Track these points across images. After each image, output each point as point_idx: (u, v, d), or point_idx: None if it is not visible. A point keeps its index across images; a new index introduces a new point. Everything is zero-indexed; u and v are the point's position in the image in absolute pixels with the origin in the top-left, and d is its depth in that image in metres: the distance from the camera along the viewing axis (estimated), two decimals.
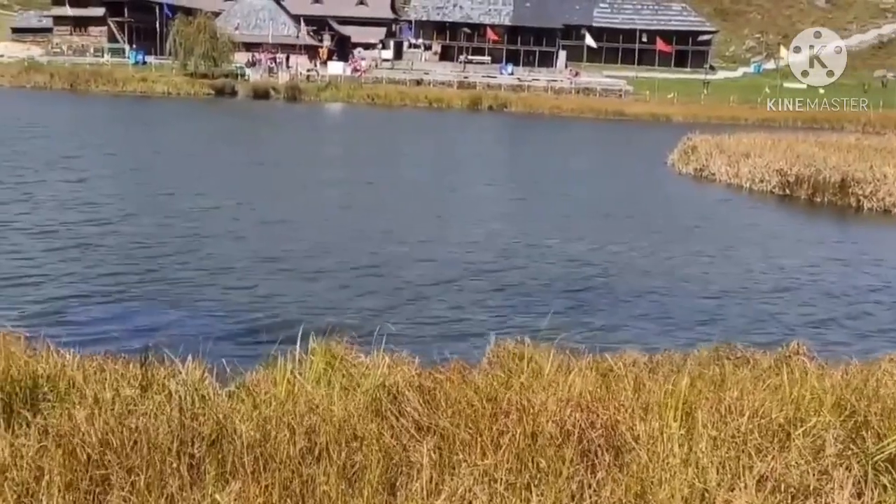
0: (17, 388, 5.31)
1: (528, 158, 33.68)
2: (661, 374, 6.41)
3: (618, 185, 26.15)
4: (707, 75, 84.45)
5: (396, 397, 5.50)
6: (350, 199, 20.15)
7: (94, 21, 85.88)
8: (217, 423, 4.87)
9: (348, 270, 12.56)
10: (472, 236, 16.04)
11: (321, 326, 7.08)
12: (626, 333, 9.91)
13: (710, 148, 29.34)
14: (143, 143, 30.79)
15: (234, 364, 6.42)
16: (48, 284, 10.86)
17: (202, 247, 13.65)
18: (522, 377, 6.11)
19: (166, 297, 10.60)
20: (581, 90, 75.14)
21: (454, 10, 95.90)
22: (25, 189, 17.97)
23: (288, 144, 33.20)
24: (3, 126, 30.97)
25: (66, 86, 62.73)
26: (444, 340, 8.97)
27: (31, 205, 16.31)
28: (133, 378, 5.80)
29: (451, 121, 54.36)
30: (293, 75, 71.77)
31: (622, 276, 13.34)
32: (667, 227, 18.40)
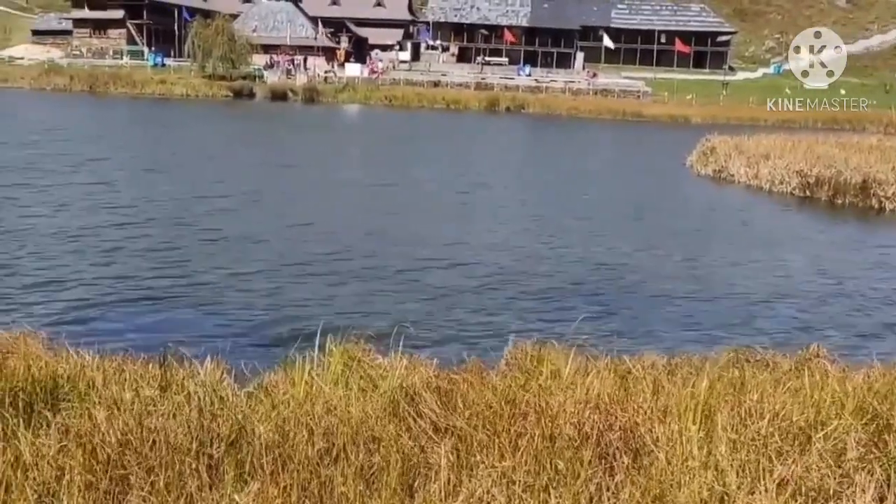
0: (37, 389, 5.36)
1: (546, 160, 33.62)
2: (679, 377, 6.38)
3: (636, 186, 26.04)
4: (726, 76, 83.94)
5: (414, 399, 5.50)
6: (369, 201, 20.17)
7: (114, 23, 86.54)
8: (236, 423, 4.88)
9: (367, 272, 12.57)
10: (490, 238, 16.02)
11: (339, 328, 7.09)
12: (644, 336, 9.86)
13: (729, 149, 29.16)
14: (164, 145, 30.97)
15: (253, 365, 6.44)
16: (69, 285, 10.93)
17: (222, 248, 13.72)
18: (541, 379, 6.10)
19: (185, 298, 10.65)
20: (599, 91, 74.90)
21: (472, 11, 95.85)
22: (49, 191, 18.10)
23: (307, 146, 33.28)
24: (26, 128, 31.20)
25: (86, 88, 63.19)
26: (461, 342, 8.96)
27: (54, 207, 16.42)
28: (152, 379, 5.83)
29: (468, 122, 54.36)
30: (311, 77, 71.99)
31: (640, 278, 13.27)
32: (685, 228, 18.30)
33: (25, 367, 5.62)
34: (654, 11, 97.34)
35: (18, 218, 15.00)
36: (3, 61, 79.69)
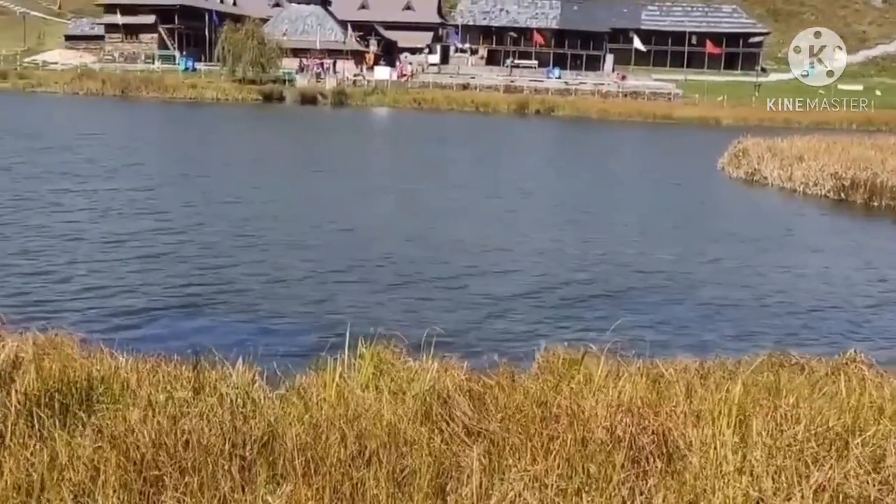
0: (73, 390, 5.41)
1: (577, 163, 33.50)
2: (712, 381, 6.31)
3: (667, 189, 25.86)
4: (758, 78, 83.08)
5: (446, 401, 5.49)
6: (400, 205, 20.22)
7: (145, 28, 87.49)
8: (268, 425, 4.90)
9: (398, 275, 12.59)
10: (522, 242, 15.99)
11: (370, 331, 7.11)
12: (676, 339, 9.78)
13: (761, 151, 28.86)
14: (199, 150, 31.22)
15: (285, 367, 6.46)
16: (104, 288, 11.06)
17: (254, 252, 13.80)
18: (572, 383, 6.07)
19: (218, 300, 10.73)
20: (629, 93, 74.50)
21: (501, 14, 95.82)
22: (88, 196, 18.29)
23: (340, 150, 33.38)
24: (64, 133, 31.55)
25: (118, 92, 63.89)
26: (493, 346, 8.94)
27: (93, 212, 16.61)
28: (185, 380, 5.87)
29: (498, 125, 54.30)
30: (340, 80, 72.27)
31: (672, 281, 13.18)
32: (717, 231, 18.14)
33: (61, 368, 5.68)
34: (686, 13, 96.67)
35: (58, 223, 15.20)
36: (37, 66, 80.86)
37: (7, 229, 14.19)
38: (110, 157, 25.39)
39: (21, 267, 11.89)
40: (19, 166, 22.29)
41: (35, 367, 5.59)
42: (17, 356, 5.90)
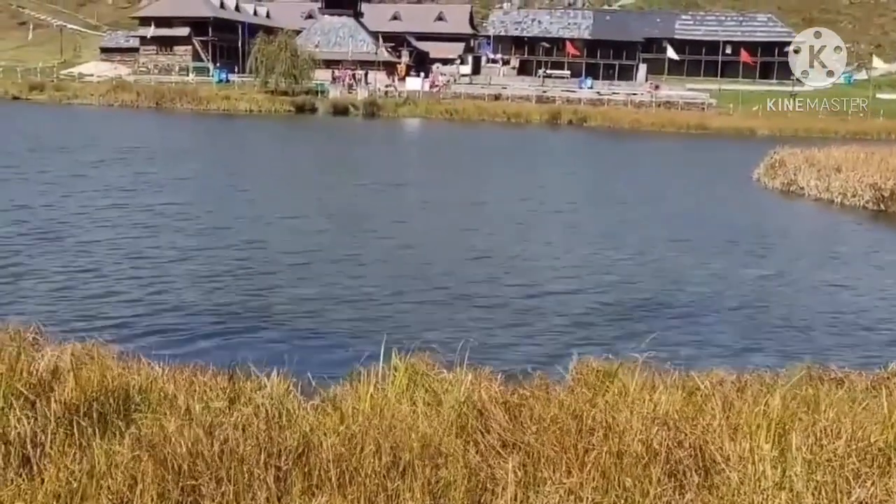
0: (111, 399, 5.47)
1: (611, 174, 33.36)
2: (750, 394, 6.23)
3: (702, 199, 25.64)
4: (794, 87, 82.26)
5: (481, 413, 5.48)
6: (437, 215, 20.23)
7: (180, 40, 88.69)
8: (303, 436, 4.92)
9: (431, 286, 12.60)
10: (556, 253, 15.94)
11: (404, 341, 7.11)
12: (712, 352, 9.68)
13: (798, 162, 28.53)
14: (238, 163, 31.36)
15: (320, 378, 6.49)
16: (142, 298, 11.19)
17: (289, 263, 13.88)
18: (607, 395, 6.03)
19: (254, 312, 10.80)
20: (662, 104, 74.08)
21: (533, 24, 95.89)
22: (130, 209, 18.43)
23: (376, 162, 33.49)
24: (107, 147, 31.78)
25: (152, 104, 64.68)
26: (527, 357, 8.92)
27: (133, 224, 16.75)
28: (221, 391, 5.92)
29: (530, 136, 54.24)
30: (372, 91, 72.65)
31: (708, 292, 13.05)
32: (754, 242, 17.94)
33: (99, 377, 5.74)
34: (720, 22, 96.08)
35: (100, 236, 15.36)
36: (73, 78, 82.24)
37: (51, 243, 14.37)
38: (154, 171, 25.58)
39: (61, 278, 12.05)
40: (67, 180, 22.61)
41: (74, 377, 5.66)
42: (56, 366, 5.99)
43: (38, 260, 13.08)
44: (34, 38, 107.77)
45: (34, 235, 14.90)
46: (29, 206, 17.92)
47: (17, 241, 14.42)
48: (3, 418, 4.91)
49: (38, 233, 15.15)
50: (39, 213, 17.06)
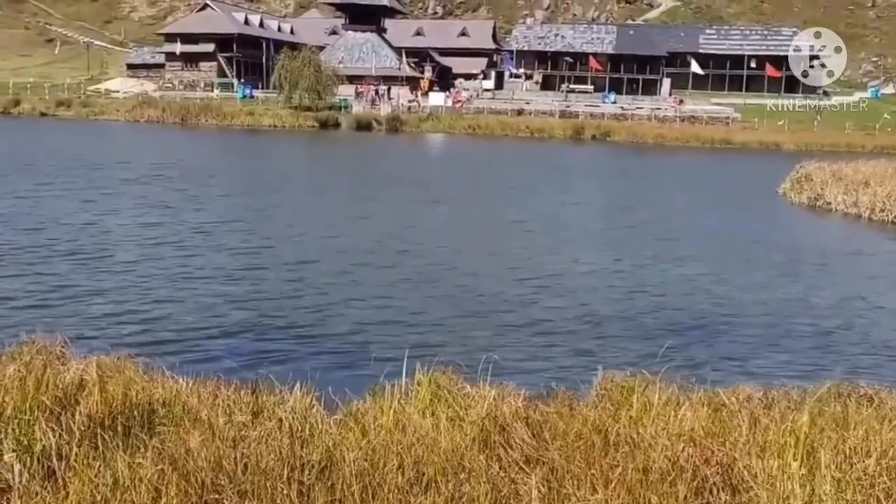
0: (135, 412, 5.50)
1: (635, 188, 33.21)
2: (777, 411, 6.15)
3: (727, 214, 25.47)
4: (820, 101, 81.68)
5: (504, 429, 5.44)
6: (459, 230, 20.21)
7: (205, 57, 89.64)
8: (326, 450, 4.91)
9: (453, 301, 12.58)
10: (580, 267, 15.88)
11: (426, 356, 7.09)
12: (738, 368, 9.58)
13: (824, 176, 28.24)
14: (266, 178, 31.49)
15: (342, 392, 6.48)
16: (166, 312, 11.25)
17: (312, 277, 13.92)
18: (632, 410, 5.97)
19: (277, 326, 10.83)
20: (686, 118, 73.79)
21: (556, 39, 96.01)
22: (159, 225, 18.57)
23: (400, 178, 33.55)
24: (142, 164, 31.90)
25: (177, 120, 65.30)
26: (550, 372, 8.86)
27: (162, 239, 16.85)
28: (245, 404, 5.92)
29: (554, 151, 54.21)
30: (395, 107, 72.93)
31: (734, 308, 12.93)
32: (781, 258, 17.77)
33: (124, 390, 5.77)
34: (744, 36, 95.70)
35: (131, 250, 15.51)
36: (100, 94, 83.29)
37: (82, 259, 14.48)
38: (186, 187, 25.67)
39: (90, 292, 12.15)
40: (98, 197, 22.80)
41: (99, 390, 5.69)
42: (81, 379, 6.02)
43: (69, 274, 13.20)
44: (61, 55, 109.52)
45: (65, 250, 15.02)
46: (62, 221, 18.09)
47: (48, 255, 14.55)
48: (30, 431, 4.94)
49: (69, 248, 15.27)
50: (71, 230, 17.18)
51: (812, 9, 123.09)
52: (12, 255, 14.41)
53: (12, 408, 5.17)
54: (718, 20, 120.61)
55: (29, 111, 69.74)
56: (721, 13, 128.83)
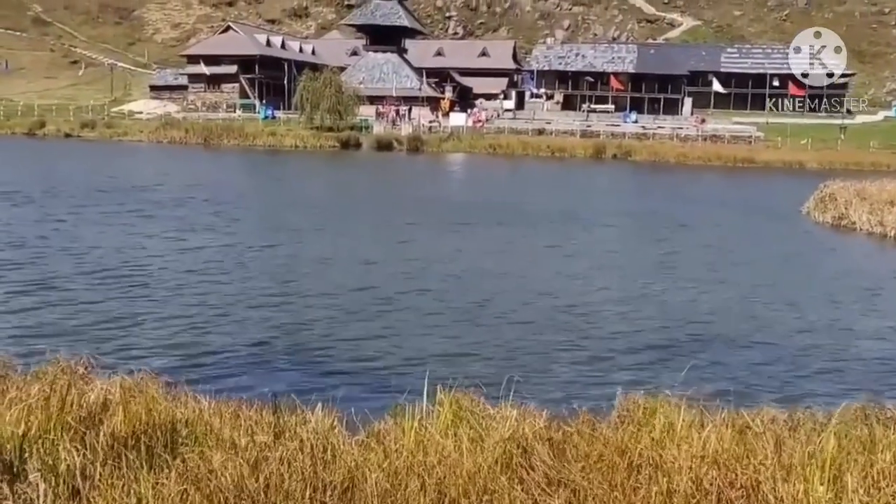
0: (158, 432, 5.52)
1: (657, 207, 33.08)
2: (803, 433, 6.09)
3: (751, 233, 25.32)
4: (844, 120, 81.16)
5: (526, 450, 5.42)
6: (481, 248, 20.20)
7: (227, 78, 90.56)
8: (348, 471, 4.91)
9: (475, 321, 12.57)
10: (601, 287, 15.81)
11: (448, 376, 7.08)
12: (762, 389, 9.49)
13: (848, 195, 27.98)
14: (293, 199, 31.72)
15: (363, 413, 6.48)
16: (189, 331, 11.32)
17: (332, 297, 13.94)
18: (654, 432, 5.92)
19: (299, 346, 10.86)
20: (708, 137, 73.49)
21: (576, 59, 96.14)
22: (185, 246, 18.69)
23: (423, 196, 33.68)
24: (170, 186, 32.14)
25: (200, 140, 65.91)
26: (572, 393, 8.82)
27: (188, 259, 17.00)
28: (266, 425, 5.93)
29: (575, 170, 54.19)
30: (415, 127, 73.20)
31: (758, 327, 12.82)
32: (805, 278, 17.63)
33: (147, 410, 5.80)
34: (766, 55, 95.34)
35: (157, 270, 15.62)
36: (123, 115, 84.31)
37: (108, 279, 14.59)
38: (215, 208, 25.87)
39: (113, 312, 12.25)
40: (124, 218, 23.02)
41: (122, 409, 5.73)
42: (105, 398, 6.06)
43: (93, 294, 13.31)
44: (86, 77, 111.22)
45: (91, 271, 15.13)
46: (90, 244, 18.21)
47: (74, 275, 14.68)
48: (54, 450, 4.98)
49: (95, 268, 15.38)
50: (100, 251, 17.25)
51: (835, 27, 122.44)
52: (40, 276, 14.56)
53: (37, 427, 5.21)
54: (740, 39, 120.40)
55: (54, 132, 70.73)
56: (742, 32, 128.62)
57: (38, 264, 15.61)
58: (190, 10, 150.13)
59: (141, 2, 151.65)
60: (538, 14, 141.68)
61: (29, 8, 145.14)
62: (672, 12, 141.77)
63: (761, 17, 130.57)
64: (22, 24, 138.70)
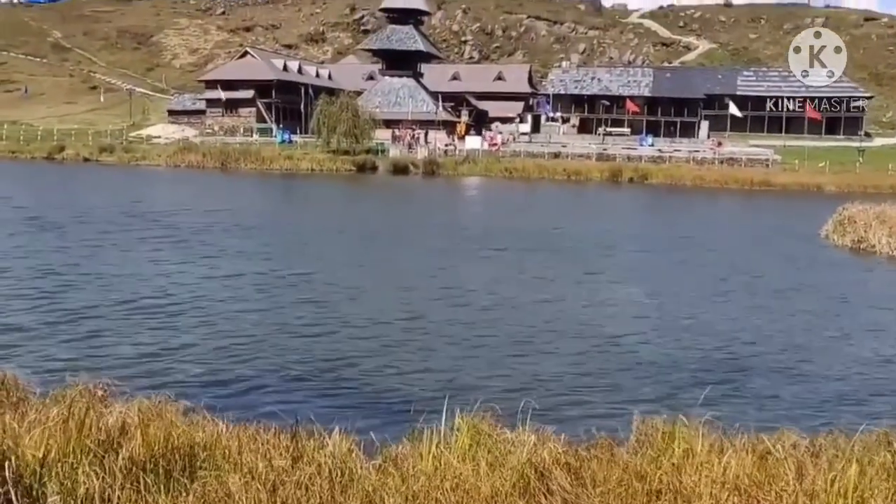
0: (176, 455, 5.52)
1: (674, 230, 32.99)
2: (825, 459, 6.01)
3: (770, 256, 25.16)
4: (862, 142, 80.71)
5: (544, 475, 5.38)
6: (495, 271, 20.17)
7: (244, 103, 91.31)
8: (366, 496, 4.89)
9: (492, 345, 12.53)
10: (618, 311, 15.75)
11: (465, 400, 7.06)
12: (782, 414, 9.39)
13: (868, 219, 27.77)
14: (315, 222, 31.88)
15: (382, 437, 6.46)
16: (207, 355, 11.35)
17: (349, 321, 13.94)
18: (673, 457, 5.87)
19: (316, 369, 10.85)
20: (725, 160, 73.24)
21: (592, 82, 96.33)
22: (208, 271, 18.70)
23: (440, 222, 33.72)
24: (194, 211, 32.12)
25: (217, 164, 66.34)
26: (590, 417, 8.76)
27: (209, 283, 17.05)
28: (284, 449, 5.92)
29: (593, 194, 54.17)
30: (431, 150, 73.40)
31: (777, 352, 12.71)
32: (825, 302, 17.48)
33: (165, 433, 5.80)
34: (783, 78, 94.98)
35: (178, 294, 15.67)
36: (142, 140, 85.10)
37: (128, 304, 14.65)
38: (240, 234, 25.94)
39: (135, 335, 12.31)
40: (146, 243, 23.14)
41: (141, 433, 5.74)
42: (123, 422, 6.07)
43: (114, 318, 13.37)
44: (105, 102, 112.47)
45: (118, 298, 15.10)
46: (114, 268, 18.31)
47: (99, 301, 14.71)
48: (73, 473, 4.99)
49: (121, 294, 15.39)
50: (124, 277, 17.29)
51: (852, 49, 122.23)
52: (62, 301, 14.65)
53: (56, 450, 5.22)
54: (756, 62, 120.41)
55: (73, 157, 71.43)
56: (758, 55, 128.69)
57: (62, 289, 15.66)
58: (208, 36, 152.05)
59: (159, 27, 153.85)
60: (553, 38, 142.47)
61: (49, 34, 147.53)
62: (688, 35, 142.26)
63: (777, 39, 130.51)
64: (42, 51, 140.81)
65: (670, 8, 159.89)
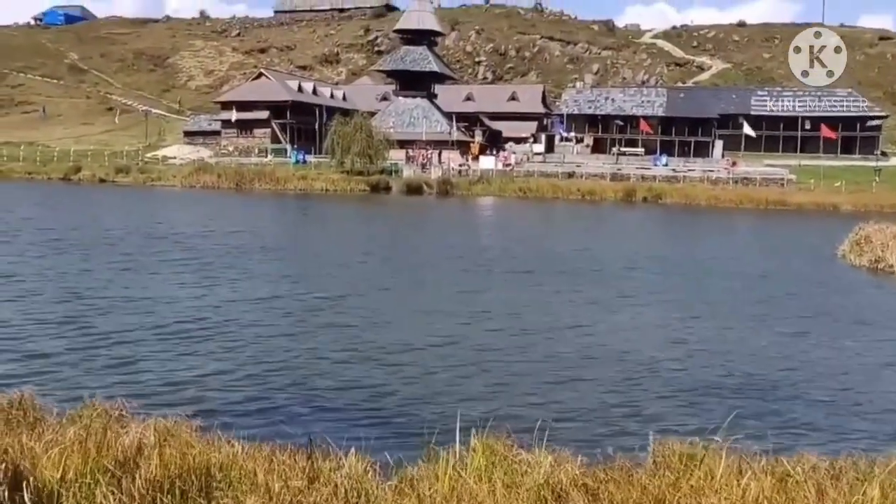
0: (192, 476, 5.51)
1: (689, 250, 32.87)
2: (845, 482, 5.95)
3: (786, 276, 25.02)
4: (878, 162, 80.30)
5: (560, 496, 5.34)
6: (513, 291, 20.13)
7: (259, 123, 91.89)
8: None
9: (509, 365, 12.49)
10: (636, 331, 15.67)
11: (481, 421, 7.03)
12: (802, 436, 9.31)
13: (885, 238, 27.59)
14: (329, 242, 31.99)
15: (397, 458, 6.43)
16: (223, 375, 11.36)
17: (365, 342, 13.93)
18: (692, 479, 5.82)
19: (332, 390, 10.85)
20: (739, 180, 73.01)
21: (606, 102, 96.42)
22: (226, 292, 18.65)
23: (454, 241, 33.74)
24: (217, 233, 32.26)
25: (232, 185, 66.74)
26: (607, 438, 8.71)
27: (225, 304, 17.07)
28: (300, 470, 5.91)
29: (608, 214, 54.07)
30: (445, 170, 73.54)
31: (796, 372, 12.62)
32: (843, 321, 17.35)
33: (182, 454, 5.81)
34: (797, 97, 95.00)
35: (195, 314, 15.73)
36: (157, 161, 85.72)
37: (147, 325, 14.71)
38: (257, 255, 26.06)
39: (151, 357, 12.34)
40: (169, 264, 23.22)
41: (157, 453, 5.74)
42: (140, 443, 6.08)
43: (132, 341, 13.40)
44: (121, 123, 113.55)
45: (131, 318, 15.18)
46: (138, 290, 18.37)
47: (118, 323, 14.79)
48: (91, 494, 4.99)
49: (135, 315, 15.47)
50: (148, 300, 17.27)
51: (866, 68, 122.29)
52: (82, 323, 14.71)
53: (74, 471, 5.23)
54: (770, 81, 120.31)
55: (89, 178, 72.03)
56: (772, 74, 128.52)
57: (85, 312, 15.66)
58: (223, 58, 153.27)
59: (175, 49, 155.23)
60: (567, 58, 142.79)
61: (66, 56, 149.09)
62: (701, 55, 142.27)
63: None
64: (59, 72, 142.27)
65: (684, 28, 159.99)
